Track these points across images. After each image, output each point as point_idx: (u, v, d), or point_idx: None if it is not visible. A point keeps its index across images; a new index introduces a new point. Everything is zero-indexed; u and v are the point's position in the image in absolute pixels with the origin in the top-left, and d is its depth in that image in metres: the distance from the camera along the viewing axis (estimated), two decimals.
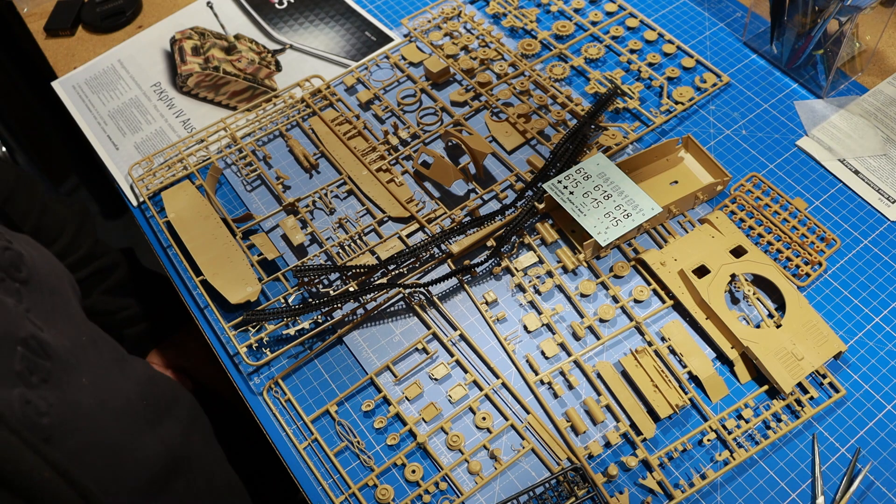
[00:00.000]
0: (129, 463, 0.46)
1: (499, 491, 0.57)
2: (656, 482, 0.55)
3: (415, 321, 0.65)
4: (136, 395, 0.51)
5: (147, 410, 0.52)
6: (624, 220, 0.64)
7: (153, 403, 0.53)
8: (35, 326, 0.40)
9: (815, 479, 0.55)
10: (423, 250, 0.66)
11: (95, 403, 0.43)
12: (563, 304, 0.65)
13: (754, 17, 0.83)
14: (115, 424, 0.45)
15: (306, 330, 0.64)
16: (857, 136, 0.74)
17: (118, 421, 0.46)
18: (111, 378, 0.48)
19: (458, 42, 0.84)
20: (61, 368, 0.41)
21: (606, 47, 0.84)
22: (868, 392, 0.59)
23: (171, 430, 0.54)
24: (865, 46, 0.79)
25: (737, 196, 0.70)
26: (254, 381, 0.63)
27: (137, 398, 0.51)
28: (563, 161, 0.70)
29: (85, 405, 0.42)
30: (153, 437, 0.51)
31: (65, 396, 0.40)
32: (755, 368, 0.60)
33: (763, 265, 0.63)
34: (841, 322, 0.63)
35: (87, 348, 0.47)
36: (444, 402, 0.61)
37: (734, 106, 0.78)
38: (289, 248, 0.70)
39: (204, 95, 0.83)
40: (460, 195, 0.73)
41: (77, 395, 0.41)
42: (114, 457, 0.45)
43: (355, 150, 0.76)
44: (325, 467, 0.58)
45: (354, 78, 0.82)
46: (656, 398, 0.58)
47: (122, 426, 0.46)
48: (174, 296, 0.71)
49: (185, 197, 0.72)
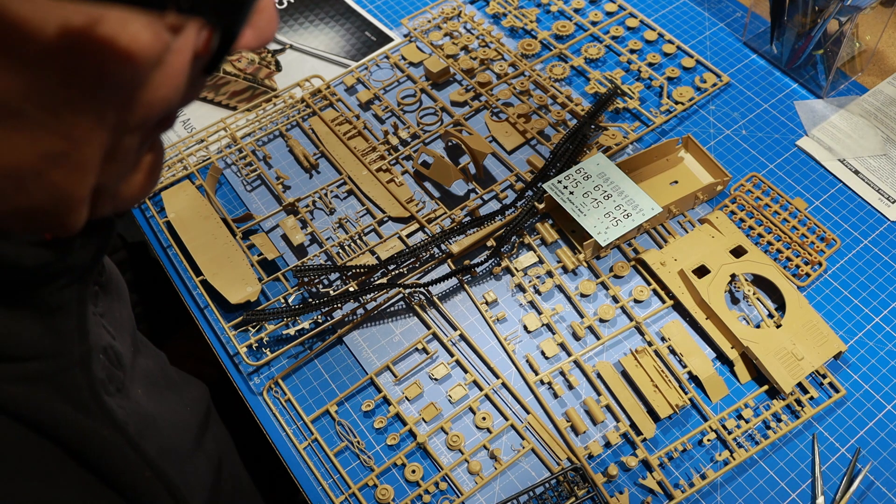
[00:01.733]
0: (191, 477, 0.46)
1: (499, 491, 0.57)
2: (656, 482, 0.55)
3: (415, 321, 0.65)
4: (181, 405, 0.50)
5: (193, 418, 0.51)
6: (624, 220, 0.64)
7: (196, 413, 0.53)
8: (109, 334, 0.40)
9: (815, 479, 0.55)
10: (423, 250, 0.66)
11: (156, 415, 0.43)
12: (563, 304, 0.65)
13: (754, 17, 0.83)
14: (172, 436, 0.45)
15: (306, 330, 0.64)
16: (857, 136, 0.74)
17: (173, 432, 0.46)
18: (158, 387, 0.47)
19: (458, 42, 0.84)
20: (129, 378, 0.41)
21: (606, 47, 0.84)
22: (868, 392, 0.59)
23: (209, 439, 0.54)
24: (865, 46, 0.79)
25: (737, 196, 0.70)
26: (254, 381, 0.63)
27: (182, 407, 0.50)
28: (563, 161, 0.70)
29: (147, 416, 0.42)
30: (201, 452, 0.50)
31: (134, 407, 0.40)
32: (755, 368, 0.60)
33: (763, 265, 0.63)
34: (841, 322, 0.63)
35: (137, 358, 0.46)
36: (444, 402, 0.61)
37: (734, 106, 0.78)
38: (289, 248, 0.70)
39: (204, 95, 0.83)
40: (460, 195, 0.73)
41: (139, 405, 0.41)
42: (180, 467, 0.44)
43: (355, 150, 0.75)
44: (325, 467, 0.58)
45: (354, 78, 0.82)
46: (656, 398, 0.58)
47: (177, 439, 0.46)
48: (174, 296, 0.71)
49: (185, 197, 0.72)
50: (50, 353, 0.31)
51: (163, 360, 0.54)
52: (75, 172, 0.25)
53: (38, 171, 0.24)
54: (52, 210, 0.25)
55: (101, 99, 0.23)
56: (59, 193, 0.25)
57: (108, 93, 0.23)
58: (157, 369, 0.50)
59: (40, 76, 0.21)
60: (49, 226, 0.26)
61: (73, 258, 0.30)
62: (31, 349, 0.31)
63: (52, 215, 0.26)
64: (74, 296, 0.32)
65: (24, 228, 0.27)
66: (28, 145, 0.23)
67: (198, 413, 0.53)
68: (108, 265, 0.46)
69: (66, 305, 0.32)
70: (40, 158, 0.23)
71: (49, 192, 0.25)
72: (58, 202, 0.25)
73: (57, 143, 0.23)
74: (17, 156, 0.23)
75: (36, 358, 0.31)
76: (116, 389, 0.38)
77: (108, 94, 0.23)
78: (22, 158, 0.23)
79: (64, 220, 0.26)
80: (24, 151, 0.23)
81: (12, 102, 0.22)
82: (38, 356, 0.31)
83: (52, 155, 0.24)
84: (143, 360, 0.48)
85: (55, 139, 0.23)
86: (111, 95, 0.23)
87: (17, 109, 0.22)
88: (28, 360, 0.30)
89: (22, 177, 0.24)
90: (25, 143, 0.23)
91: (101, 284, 0.42)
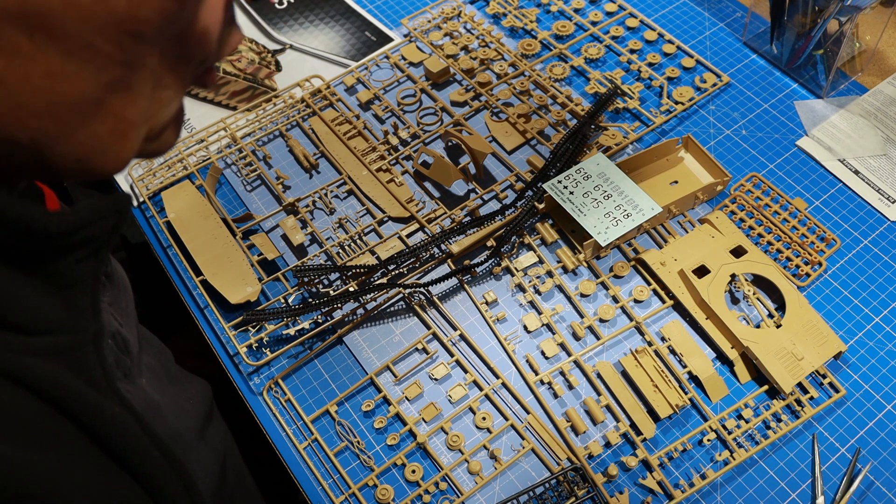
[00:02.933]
0: (195, 465, 0.46)
1: (499, 491, 0.57)
2: (656, 482, 0.55)
3: (415, 321, 0.65)
4: (184, 399, 0.51)
5: (196, 411, 0.52)
6: (624, 220, 0.64)
7: (199, 407, 0.53)
8: (117, 321, 0.41)
9: (815, 479, 0.55)
10: (423, 250, 0.66)
11: (159, 403, 0.44)
12: (563, 304, 0.65)
13: (754, 17, 0.83)
14: (177, 425, 0.46)
15: (306, 330, 0.64)
16: (857, 136, 0.74)
17: (177, 421, 0.46)
18: (161, 381, 0.48)
19: (458, 42, 0.84)
20: (134, 367, 0.41)
21: (606, 47, 0.84)
22: (868, 392, 0.59)
23: (213, 434, 0.54)
24: (865, 46, 0.80)
25: (737, 196, 0.70)
26: (254, 381, 0.63)
27: (185, 400, 0.51)
28: (563, 161, 0.70)
29: (152, 404, 0.42)
30: (206, 445, 0.51)
31: (140, 393, 0.41)
32: (755, 368, 0.60)
33: (763, 265, 0.63)
34: (841, 322, 0.63)
35: (141, 349, 0.47)
36: (444, 402, 0.61)
37: (734, 106, 0.78)
38: (289, 248, 0.70)
39: (204, 95, 0.83)
40: (460, 195, 0.73)
41: (145, 393, 0.42)
42: (186, 454, 0.45)
43: (355, 150, 0.76)
44: (325, 467, 0.58)
45: (354, 78, 0.83)
46: (656, 398, 0.58)
47: (181, 428, 0.47)
48: (174, 296, 0.71)
49: (185, 197, 0.72)
50: (67, 328, 0.32)
51: (167, 356, 0.54)
52: (129, 97, 0.28)
53: (100, 100, 0.27)
54: (108, 139, 0.28)
55: (162, 29, 0.26)
56: (115, 119, 0.28)
57: (167, 21, 0.26)
58: (159, 365, 0.50)
59: (110, 10, 0.24)
60: (102, 161, 0.29)
61: (93, 229, 0.31)
62: (50, 323, 0.31)
63: (107, 146, 0.28)
64: (90, 272, 0.33)
65: (78, 167, 0.29)
66: (92, 75, 0.26)
67: (200, 407, 0.53)
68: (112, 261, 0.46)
69: (82, 281, 0.32)
70: (102, 87, 0.26)
71: (107, 121, 0.27)
72: (114, 130, 0.28)
73: (117, 72, 0.26)
74: (83, 86, 0.26)
75: (54, 332, 0.31)
76: (124, 374, 0.39)
77: (166, 23, 0.26)
78: (86, 88, 0.26)
79: (116, 151, 0.29)
80: (88, 81, 0.26)
81: (84, 35, 0.24)
82: (56, 331, 0.31)
83: (113, 82, 0.26)
84: (147, 355, 0.48)
85: (117, 68, 0.26)
86: (168, 24, 0.26)
87: (87, 42, 0.25)
88: (47, 333, 0.31)
89: (84, 107, 0.26)
90: (91, 74, 0.26)
91: (107, 275, 0.43)
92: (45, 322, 0.31)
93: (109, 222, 0.32)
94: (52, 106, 0.26)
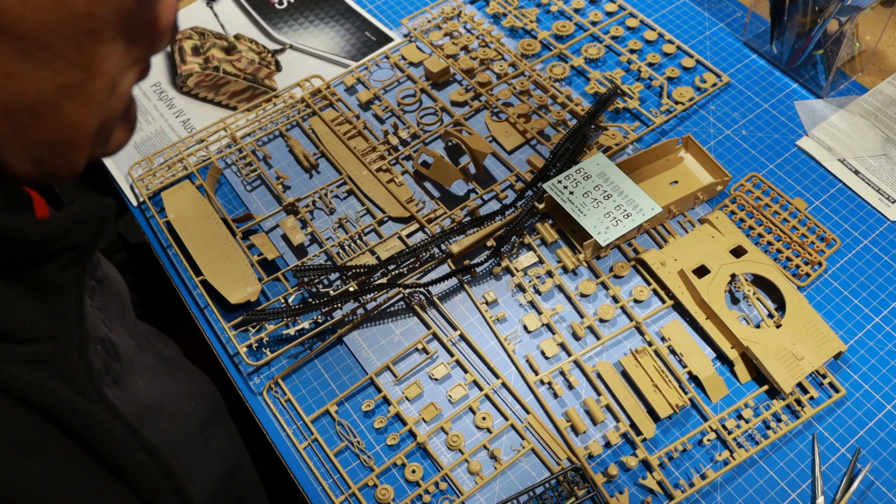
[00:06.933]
0: (190, 467, 0.46)
1: (499, 491, 0.57)
2: (656, 482, 0.55)
3: (415, 321, 0.65)
4: (186, 398, 0.51)
5: (196, 411, 0.51)
6: (624, 220, 0.64)
7: (200, 407, 0.53)
8: (106, 327, 0.41)
9: (815, 479, 0.55)
10: (423, 250, 0.66)
11: (156, 406, 0.43)
12: (563, 304, 0.65)
13: (754, 17, 0.83)
14: (173, 427, 0.45)
15: (306, 330, 0.64)
16: (857, 136, 0.74)
17: (174, 423, 0.46)
18: (162, 381, 0.48)
19: (458, 42, 0.84)
20: (126, 370, 0.41)
21: (606, 47, 0.84)
22: (868, 392, 0.59)
23: (218, 435, 0.54)
24: (865, 46, 0.80)
25: (737, 196, 0.70)
26: (254, 381, 0.63)
27: (187, 400, 0.51)
28: (563, 161, 0.70)
29: (147, 407, 0.42)
30: (207, 446, 0.51)
31: (131, 398, 0.40)
32: (755, 368, 0.60)
33: (763, 265, 0.63)
34: (841, 322, 0.63)
35: (140, 350, 0.47)
36: (444, 402, 0.61)
37: (734, 106, 0.78)
38: (289, 248, 0.70)
39: (204, 95, 0.83)
40: (460, 195, 0.73)
41: (138, 396, 0.42)
42: (181, 456, 0.45)
43: (355, 150, 0.76)
44: (325, 467, 0.58)
45: (354, 78, 0.82)
46: (656, 398, 0.58)
47: (180, 430, 0.46)
48: (174, 296, 0.71)
49: (185, 197, 0.72)
50: (51, 335, 0.32)
51: (171, 352, 0.54)
52: (86, 105, 0.27)
53: (55, 103, 0.26)
54: (62, 144, 0.28)
55: (119, 28, 0.26)
56: (70, 126, 0.27)
57: (126, 22, 0.26)
58: (160, 364, 0.50)
59: (68, 9, 0.24)
60: (56, 165, 0.29)
61: (75, 236, 0.31)
62: (34, 331, 0.31)
63: (61, 151, 0.28)
64: (73, 279, 0.33)
65: (34, 171, 0.29)
66: (49, 77, 0.26)
67: (202, 407, 0.53)
68: (104, 266, 0.46)
69: (65, 288, 0.32)
70: (58, 89, 0.26)
71: (61, 125, 0.27)
72: (68, 136, 0.28)
73: (75, 75, 0.26)
74: (39, 87, 0.26)
75: (38, 340, 0.31)
76: (113, 381, 0.39)
77: (126, 24, 0.26)
78: (43, 90, 0.26)
79: (71, 157, 0.29)
80: (45, 83, 0.26)
81: (41, 35, 0.24)
82: (40, 338, 0.31)
83: (69, 86, 0.26)
84: (146, 355, 0.48)
85: (73, 70, 0.26)
86: (128, 24, 0.26)
87: (45, 42, 0.25)
88: (30, 341, 0.31)
89: (40, 108, 0.26)
90: (47, 75, 0.25)
91: (97, 279, 0.43)
92: (29, 330, 0.31)
93: (91, 228, 0.32)
94: (8, 106, 0.26)
